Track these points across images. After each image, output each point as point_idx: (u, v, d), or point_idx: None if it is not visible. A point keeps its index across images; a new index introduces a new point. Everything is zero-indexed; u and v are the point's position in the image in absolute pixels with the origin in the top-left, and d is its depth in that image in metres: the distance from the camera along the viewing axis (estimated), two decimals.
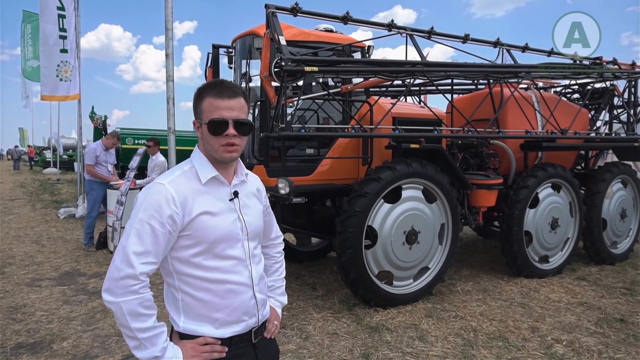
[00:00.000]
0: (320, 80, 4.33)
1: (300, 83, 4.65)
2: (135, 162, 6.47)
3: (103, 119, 9.70)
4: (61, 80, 9.63)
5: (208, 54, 5.58)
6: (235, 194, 1.52)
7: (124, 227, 6.06)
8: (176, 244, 1.44)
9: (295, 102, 4.47)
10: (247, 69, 4.97)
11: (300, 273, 5.73)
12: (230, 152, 1.45)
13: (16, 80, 25.36)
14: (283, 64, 3.69)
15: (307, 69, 3.76)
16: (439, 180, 4.68)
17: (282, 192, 4.03)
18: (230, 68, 5.42)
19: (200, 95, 1.46)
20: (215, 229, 1.44)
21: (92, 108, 9.89)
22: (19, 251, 6.76)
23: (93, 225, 6.94)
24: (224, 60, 5.70)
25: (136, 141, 9.16)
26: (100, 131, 9.68)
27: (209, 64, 5.57)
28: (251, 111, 4.81)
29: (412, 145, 4.51)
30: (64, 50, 9.01)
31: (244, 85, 5.04)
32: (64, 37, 9.04)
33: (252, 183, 1.64)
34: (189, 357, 1.41)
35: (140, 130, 10.20)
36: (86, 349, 3.59)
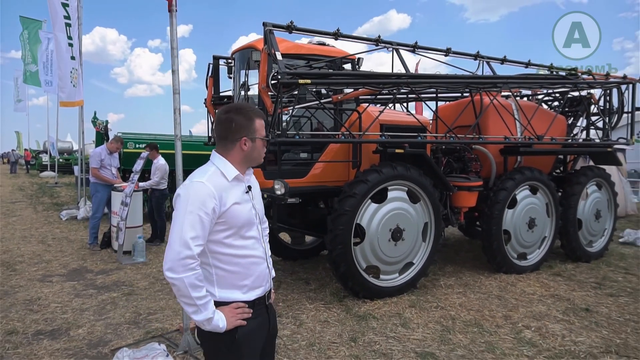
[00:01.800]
0: (314, 90, 4.72)
1: (295, 92, 5.04)
2: (139, 165, 6.82)
3: (105, 124, 10.04)
4: (74, 86, 10.03)
5: (209, 64, 5.98)
6: (249, 188, 1.92)
7: (128, 227, 6.44)
8: (213, 230, 1.81)
9: (290, 110, 4.86)
10: (246, 79, 5.36)
11: (295, 269, 6.12)
12: (263, 157, 1.96)
13: (10, 84, 25.52)
14: (279, 77, 4.09)
15: (301, 81, 4.17)
16: (422, 182, 5.09)
17: (278, 192, 4.42)
18: (230, 78, 5.81)
19: (249, 117, 1.87)
20: (241, 216, 1.84)
21: (95, 113, 10.25)
22: (26, 250, 7.09)
23: (97, 226, 7.30)
24: (222, 66, 6.09)
25: (137, 145, 9.50)
26: (102, 136, 10.01)
27: (209, 73, 5.97)
28: None
29: (397, 150, 4.92)
30: (72, 58, 9.40)
31: (242, 94, 5.43)
32: (71, 45, 9.43)
33: (254, 179, 2.04)
34: (229, 318, 1.79)
35: (142, 134, 10.56)
36: (100, 335, 3.95)
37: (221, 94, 6.04)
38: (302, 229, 5.93)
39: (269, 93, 4.45)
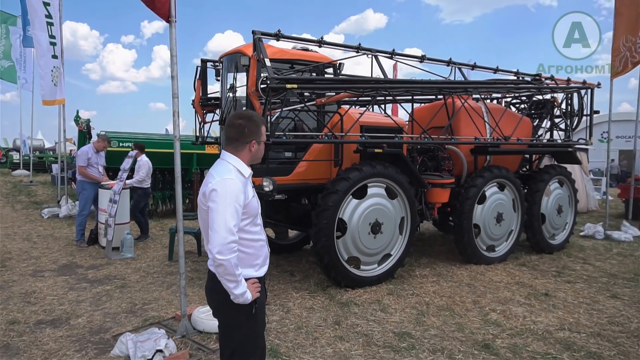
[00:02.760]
0: (299, 94, 5.06)
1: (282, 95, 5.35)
2: (127, 163, 7.00)
3: (87, 122, 10.10)
4: (55, 85, 10.07)
5: (197, 67, 6.24)
6: (253, 183, 2.26)
7: (117, 224, 6.63)
8: None
9: (278, 112, 5.17)
10: (234, 82, 5.65)
11: (279, 262, 6.45)
12: None
13: None
14: (269, 82, 4.40)
15: (288, 86, 4.50)
16: (399, 179, 5.49)
17: (267, 189, 4.75)
18: (218, 80, 6.09)
19: (258, 123, 2.25)
20: (255, 207, 2.22)
21: (77, 112, 10.29)
22: (13, 247, 7.18)
23: (84, 223, 7.44)
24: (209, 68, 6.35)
25: (121, 144, 9.61)
26: (84, 134, 10.09)
27: (197, 76, 6.23)
28: None
29: (377, 150, 5.31)
30: (54, 56, 9.46)
31: (230, 95, 5.71)
32: (53, 44, 9.49)
33: None
34: (252, 291, 2.15)
35: (122, 133, 10.67)
36: (100, 323, 4.20)
37: (209, 96, 6.31)
38: (287, 224, 6.25)
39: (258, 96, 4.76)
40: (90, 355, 3.55)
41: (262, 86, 4.51)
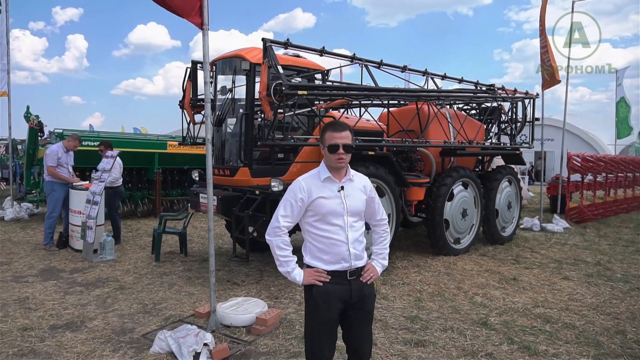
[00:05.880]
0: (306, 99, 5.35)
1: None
2: (108, 164, 6.77)
3: (38, 119, 9.48)
4: None
5: (187, 68, 6.28)
6: (342, 187, 2.47)
7: (99, 225, 6.44)
8: (305, 214, 2.45)
9: (284, 116, 5.41)
10: (233, 86, 5.79)
11: (270, 260, 6.66)
12: (340, 162, 2.43)
13: None
14: (283, 88, 4.66)
15: (300, 92, 4.78)
16: (387, 179, 5.98)
17: (276, 189, 4.99)
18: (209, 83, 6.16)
19: (324, 130, 2.47)
20: (325, 207, 2.40)
21: (28, 108, 9.57)
22: None
23: (54, 226, 7.09)
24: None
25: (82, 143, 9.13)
26: (36, 132, 9.47)
27: (187, 77, 6.27)
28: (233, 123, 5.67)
29: (370, 153, 5.75)
30: None
31: (229, 97, 5.84)
32: None
33: (358, 182, 2.56)
34: (307, 276, 2.41)
35: (86, 131, 10.18)
36: (120, 324, 4.19)
37: (199, 97, 6.36)
38: None
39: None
40: (129, 354, 3.60)
41: (273, 91, 4.74)
